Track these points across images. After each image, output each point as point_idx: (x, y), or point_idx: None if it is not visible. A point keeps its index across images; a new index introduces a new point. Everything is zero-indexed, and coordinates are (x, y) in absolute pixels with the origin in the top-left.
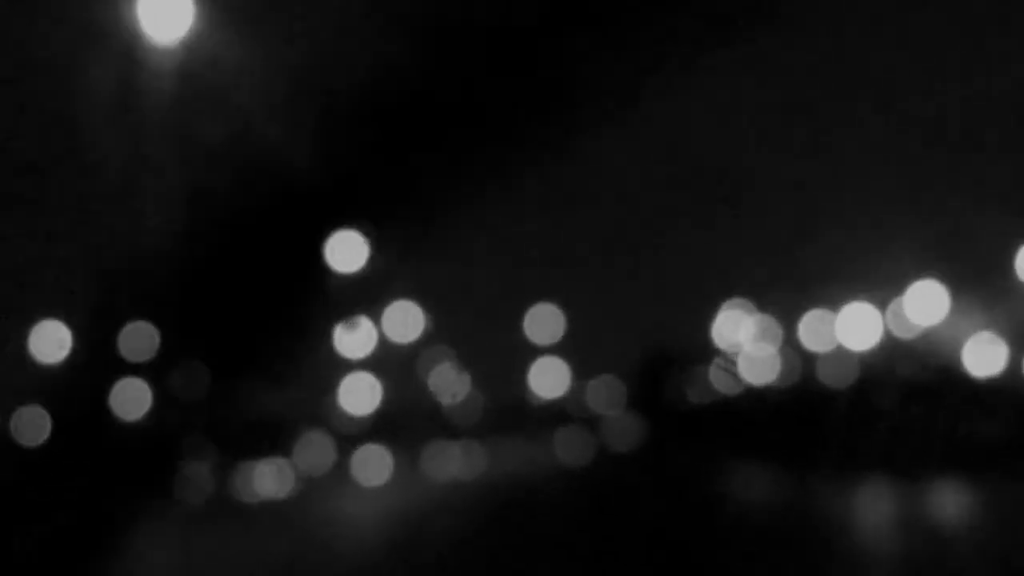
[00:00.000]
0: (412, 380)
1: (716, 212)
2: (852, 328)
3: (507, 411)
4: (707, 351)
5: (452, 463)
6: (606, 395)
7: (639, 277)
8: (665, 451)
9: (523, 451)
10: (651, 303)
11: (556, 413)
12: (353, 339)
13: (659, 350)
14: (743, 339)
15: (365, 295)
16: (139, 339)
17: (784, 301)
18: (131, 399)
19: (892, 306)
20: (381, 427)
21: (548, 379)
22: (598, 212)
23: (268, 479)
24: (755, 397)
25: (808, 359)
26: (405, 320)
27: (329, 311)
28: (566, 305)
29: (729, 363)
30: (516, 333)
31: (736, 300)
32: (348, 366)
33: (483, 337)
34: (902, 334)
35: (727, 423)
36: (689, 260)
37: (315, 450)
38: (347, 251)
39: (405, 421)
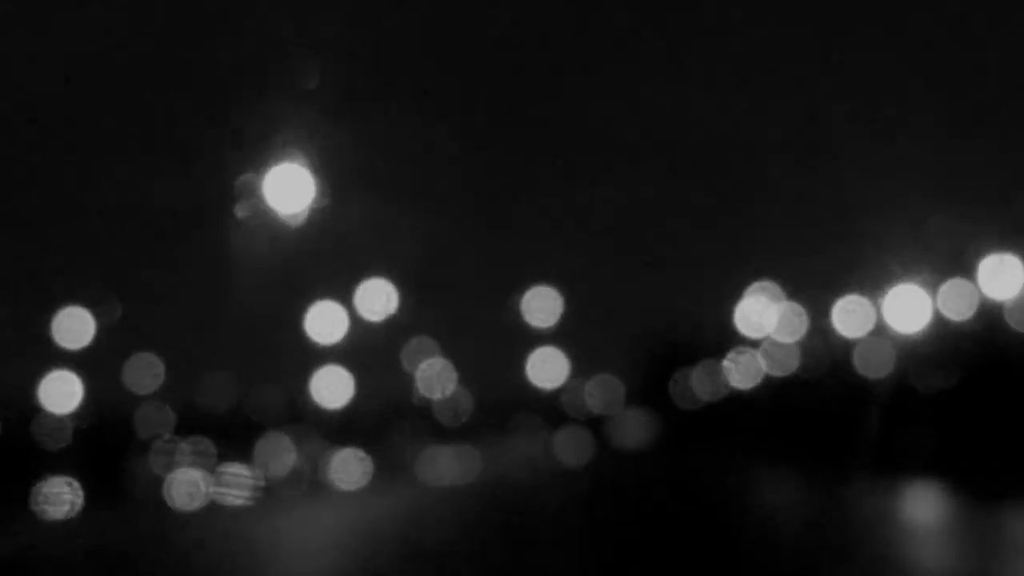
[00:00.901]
0: (392, 372)
1: (741, 189)
2: (898, 311)
3: (498, 408)
4: (727, 339)
5: (439, 466)
6: (609, 390)
7: (650, 256)
8: (675, 452)
9: (518, 452)
10: (663, 285)
11: (554, 410)
12: (324, 323)
13: (671, 338)
14: (768, 326)
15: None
16: (73, 325)
17: (817, 285)
18: (60, 391)
19: (945, 287)
20: (358, 426)
21: (544, 371)
22: (603, 185)
23: (224, 484)
24: (779, 390)
25: (842, 347)
26: (379, 300)
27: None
28: (565, 288)
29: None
30: (508, 320)
31: (761, 284)
32: (320, 355)
33: (471, 324)
34: (956, 316)
35: (746, 420)
36: (709, 239)
37: (281, 450)
38: (289, 187)
39: (384, 419)
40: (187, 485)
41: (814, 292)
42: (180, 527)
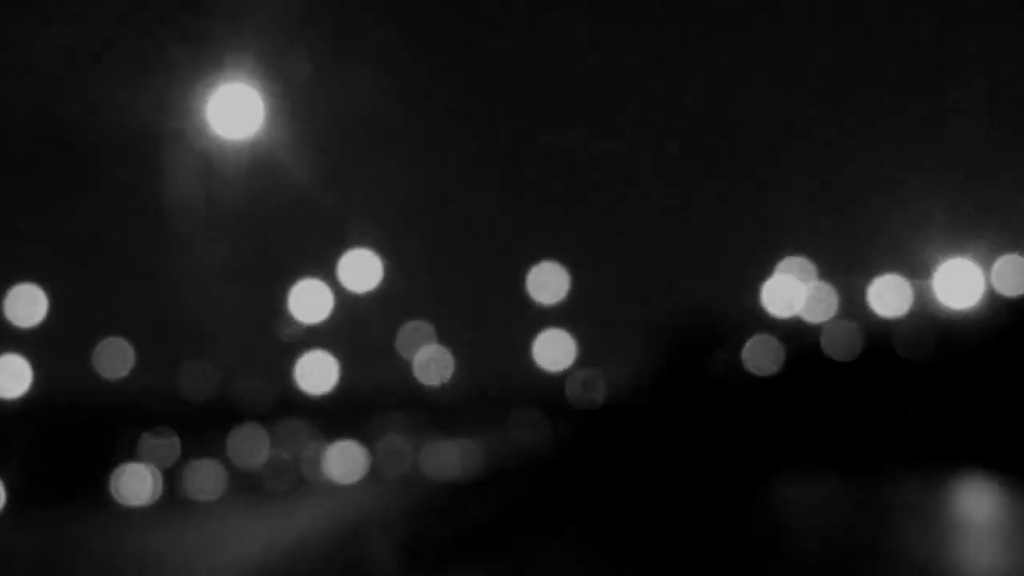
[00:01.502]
0: (383, 357)
1: (769, 157)
2: (948, 287)
3: (500, 397)
4: (751, 321)
5: (436, 459)
6: (620, 378)
7: (667, 229)
8: (693, 444)
9: (519, 442)
10: (682, 262)
11: (559, 399)
12: (308, 303)
13: (691, 321)
14: (797, 305)
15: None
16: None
17: (851, 261)
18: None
19: (1000, 262)
20: (346, 416)
21: (549, 356)
22: (617, 149)
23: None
24: (807, 375)
25: (880, 326)
26: (364, 272)
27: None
28: (573, 264)
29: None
30: (512, 299)
31: (792, 260)
32: (307, 336)
33: (470, 305)
34: (1012, 293)
35: (770, 408)
36: (735, 212)
37: (260, 442)
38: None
39: (374, 409)
40: (137, 480)
41: (850, 269)
42: (127, 526)
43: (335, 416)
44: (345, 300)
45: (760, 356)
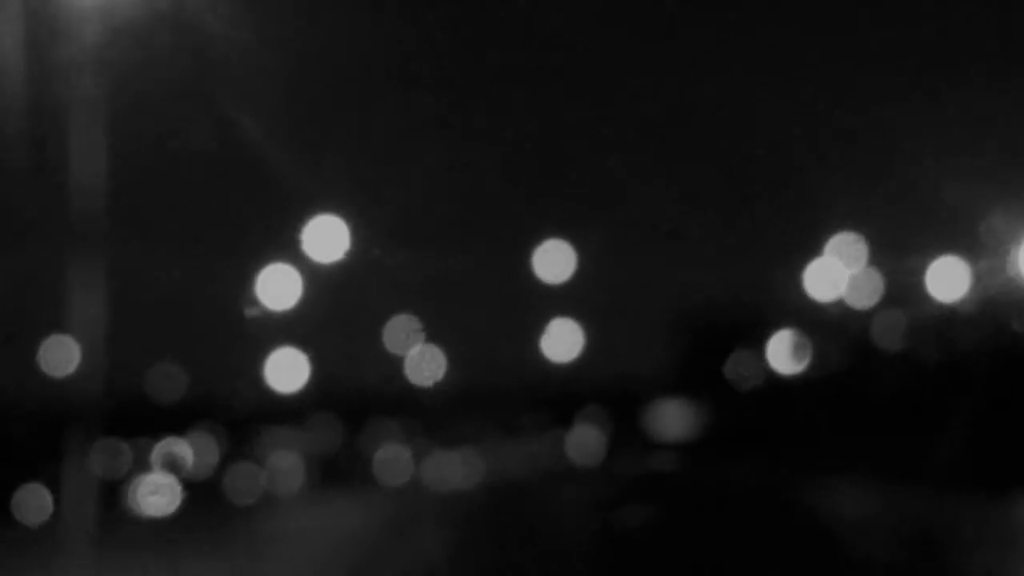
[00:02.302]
0: (369, 351)
1: (817, 124)
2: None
3: (501, 396)
4: (789, 308)
5: (429, 469)
6: (637, 373)
7: (696, 202)
8: (719, 450)
9: (523, 449)
10: (709, 240)
11: (567, 397)
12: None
13: (718, 310)
14: (841, 290)
15: None
16: None
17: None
18: None
19: None
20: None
21: (557, 348)
22: (633, 107)
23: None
24: (853, 371)
25: (936, 314)
26: (329, 240)
27: None
28: (581, 242)
29: None
30: (512, 281)
31: (839, 239)
32: (274, 328)
33: (466, 292)
34: None
35: (810, 408)
36: (773, 184)
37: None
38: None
39: (358, 412)
40: (35, 497)
41: (905, 249)
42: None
43: (314, 419)
44: (316, 280)
45: (798, 349)
